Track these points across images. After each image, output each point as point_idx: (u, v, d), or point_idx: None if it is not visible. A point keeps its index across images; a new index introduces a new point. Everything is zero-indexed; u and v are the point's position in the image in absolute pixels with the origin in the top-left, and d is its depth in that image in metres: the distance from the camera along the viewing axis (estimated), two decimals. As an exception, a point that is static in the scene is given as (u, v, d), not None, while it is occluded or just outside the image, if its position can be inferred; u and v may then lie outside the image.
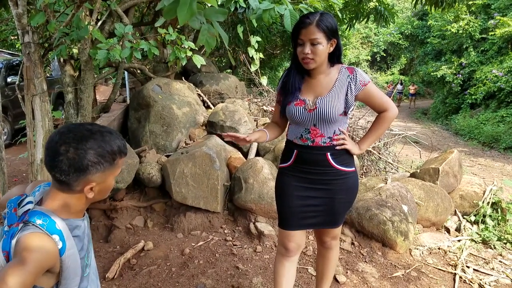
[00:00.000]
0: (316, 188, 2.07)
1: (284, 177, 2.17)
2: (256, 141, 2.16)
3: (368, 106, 2.11)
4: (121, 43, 3.27)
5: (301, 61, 1.97)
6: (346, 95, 1.98)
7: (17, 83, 3.72)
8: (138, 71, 5.62)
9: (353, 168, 2.11)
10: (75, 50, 3.80)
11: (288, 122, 2.21)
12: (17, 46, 10.86)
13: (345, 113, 2.00)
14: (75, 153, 1.10)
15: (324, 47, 1.90)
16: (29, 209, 1.13)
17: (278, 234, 2.26)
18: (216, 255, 3.32)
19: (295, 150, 2.08)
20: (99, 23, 3.53)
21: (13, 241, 1.07)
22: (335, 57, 2.01)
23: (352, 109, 2.04)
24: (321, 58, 1.93)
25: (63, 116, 5.45)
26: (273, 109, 2.12)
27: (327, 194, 2.07)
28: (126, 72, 6.56)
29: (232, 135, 2.03)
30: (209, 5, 1.94)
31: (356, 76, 1.98)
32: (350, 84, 1.98)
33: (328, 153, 2.02)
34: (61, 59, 3.67)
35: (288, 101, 2.06)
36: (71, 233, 1.16)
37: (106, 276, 2.97)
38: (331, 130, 2.01)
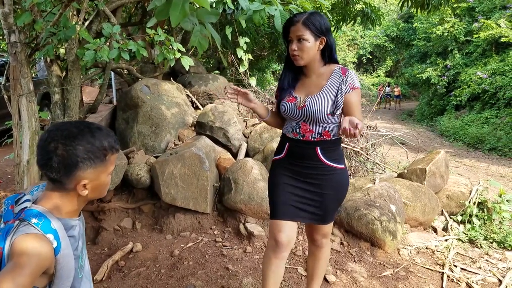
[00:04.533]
0: (306, 181, 2.11)
1: (276, 169, 2.23)
2: (255, 110, 2.23)
3: (343, 114, 2.10)
4: (108, 43, 3.24)
5: (292, 58, 2.04)
6: (336, 96, 2.00)
7: (2, 83, 3.66)
8: (126, 72, 5.58)
9: (343, 166, 2.14)
10: (62, 50, 3.75)
11: None
12: (2, 46, 10.69)
13: (333, 113, 2.01)
14: (64, 149, 1.09)
15: (311, 44, 1.96)
16: (26, 207, 1.12)
17: (269, 227, 2.24)
18: (206, 256, 3.30)
19: (287, 143, 2.15)
20: (87, 23, 3.49)
21: (8, 239, 1.06)
22: (326, 56, 2.05)
23: (340, 110, 2.05)
24: (309, 55, 1.99)
25: (49, 117, 5.38)
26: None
27: (316, 189, 2.11)
28: (112, 73, 6.50)
29: (234, 88, 2.15)
30: (201, 6, 1.94)
31: (347, 77, 2.01)
32: (341, 85, 2.00)
33: (318, 147, 2.06)
34: (48, 59, 3.62)
35: (283, 97, 2.15)
36: (66, 233, 1.15)
37: (94, 278, 2.94)
38: (320, 127, 2.05)
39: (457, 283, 3.11)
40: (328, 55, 2.06)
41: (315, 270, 2.41)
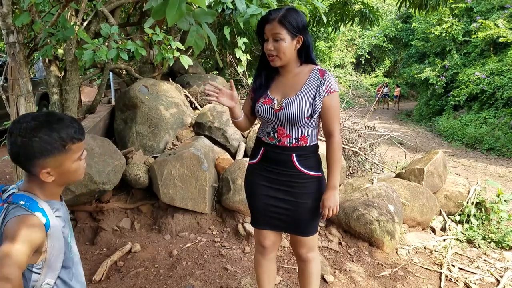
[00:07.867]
0: (280, 189, 2.05)
1: (251, 175, 2.17)
2: (233, 110, 2.06)
3: (321, 118, 2.01)
4: (107, 43, 3.24)
5: (268, 58, 1.94)
6: (314, 98, 1.91)
7: (1, 83, 3.65)
8: (124, 72, 5.58)
9: (319, 173, 2.06)
10: (60, 51, 3.75)
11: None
12: (0, 47, 10.68)
13: (311, 116, 1.92)
14: (21, 141, 1.18)
15: (288, 43, 1.85)
16: (13, 193, 1.25)
17: (254, 232, 2.28)
18: (205, 256, 3.31)
19: (262, 148, 2.07)
20: (85, 24, 3.49)
21: None
22: (302, 55, 1.96)
23: (318, 114, 1.95)
24: (286, 55, 1.88)
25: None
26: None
27: (290, 197, 2.04)
28: (110, 73, 6.50)
29: (214, 85, 1.99)
30: (198, 6, 1.94)
31: (325, 80, 1.91)
32: (319, 88, 1.91)
33: (294, 154, 1.98)
34: (46, 60, 3.62)
35: (258, 98, 2.05)
36: (53, 213, 1.25)
37: (93, 278, 2.94)
38: (297, 132, 1.97)
39: (455, 283, 3.12)
40: (305, 54, 1.96)
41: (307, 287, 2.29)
